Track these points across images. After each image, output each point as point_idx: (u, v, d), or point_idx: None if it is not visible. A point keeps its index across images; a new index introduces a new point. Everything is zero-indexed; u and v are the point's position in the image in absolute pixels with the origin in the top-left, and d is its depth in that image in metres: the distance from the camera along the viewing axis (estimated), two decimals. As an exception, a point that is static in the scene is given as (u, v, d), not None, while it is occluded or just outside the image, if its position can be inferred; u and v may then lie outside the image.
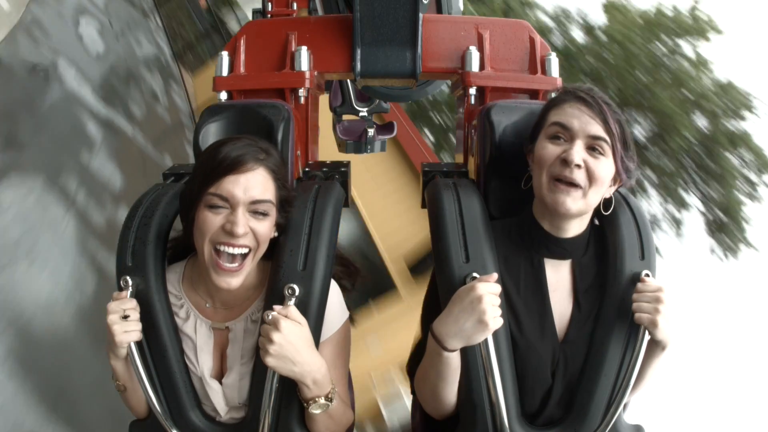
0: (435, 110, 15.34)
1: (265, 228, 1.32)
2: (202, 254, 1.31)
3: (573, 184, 1.27)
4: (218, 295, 1.41)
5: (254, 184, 1.29)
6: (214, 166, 1.29)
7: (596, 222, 1.44)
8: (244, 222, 1.27)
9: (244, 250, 1.29)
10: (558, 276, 1.37)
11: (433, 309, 1.37)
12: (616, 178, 1.34)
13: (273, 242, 1.40)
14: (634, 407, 1.42)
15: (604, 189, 1.31)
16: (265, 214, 1.31)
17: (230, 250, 1.28)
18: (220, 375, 1.41)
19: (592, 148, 1.28)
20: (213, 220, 1.28)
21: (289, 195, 1.39)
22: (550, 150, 1.30)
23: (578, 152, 1.27)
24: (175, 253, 1.49)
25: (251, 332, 1.39)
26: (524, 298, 1.34)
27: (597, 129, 1.27)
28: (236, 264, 1.30)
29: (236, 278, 1.30)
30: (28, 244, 4.12)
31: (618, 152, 1.30)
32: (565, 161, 1.27)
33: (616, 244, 1.36)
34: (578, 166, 1.26)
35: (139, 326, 1.33)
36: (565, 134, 1.29)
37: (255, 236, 1.30)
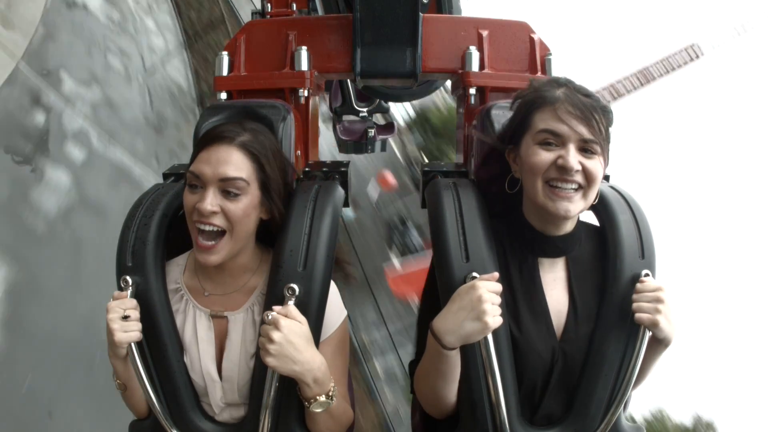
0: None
1: (239, 208, 1.31)
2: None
3: (572, 189, 1.27)
4: (215, 276, 1.41)
5: (224, 162, 1.30)
6: (194, 145, 1.36)
7: (597, 223, 1.44)
8: (211, 200, 1.28)
9: (216, 229, 1.30)
10: (553, 274, 1.38)
11: (431, 308, 1.37)
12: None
13: (269, 226, 1.40)
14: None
15: (599, 184, 1.32)
16: (237, 194, 1.31)
17: (202, 227, 1.30)
18: (219, 367, 1.41)
19: (584, 149, 1.28)
20: (190, 199, 1.32)
21: (273, 178, 1.37)
22: (543, 156, 1.29)
23: (574, 157, 1.26)
24: (184, 244, 1.50)
25: (251, 328, 1.39)
26: (521, 298, 1.34)
27: (587, 131, 1.27)
28: (211, 242, 1.31)
29: (213, 256, 1.31)
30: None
31: (606, 148, 1.30)
32: (563, 168, 1.27)
33: (616, 243, 1.36)
34: (576, 171, 1.27)
35: (139, 326, 1.33)
36: (556, 140, 1.29)
37: (227, 216, 1.30)
